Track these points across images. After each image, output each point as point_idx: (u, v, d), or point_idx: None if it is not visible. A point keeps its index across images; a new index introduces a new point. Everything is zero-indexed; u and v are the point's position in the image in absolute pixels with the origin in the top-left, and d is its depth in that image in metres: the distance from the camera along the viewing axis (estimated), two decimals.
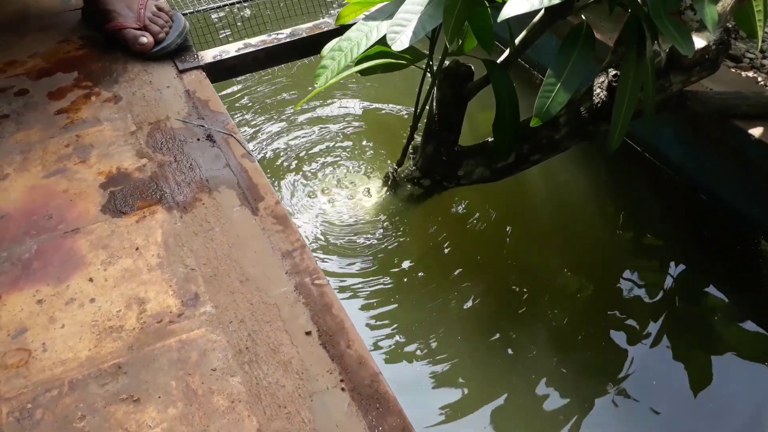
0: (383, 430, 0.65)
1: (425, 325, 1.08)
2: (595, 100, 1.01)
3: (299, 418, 0.66)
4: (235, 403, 0.67)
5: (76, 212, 0.90)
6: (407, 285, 1.14)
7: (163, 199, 0.91)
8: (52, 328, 0.75)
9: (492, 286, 1.15)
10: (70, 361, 0.71)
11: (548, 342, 1.05)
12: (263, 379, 0.69)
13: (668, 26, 0.79)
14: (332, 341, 0.73)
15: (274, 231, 0.86)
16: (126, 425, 0.65)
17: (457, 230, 1.24)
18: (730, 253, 1.17)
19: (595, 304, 1.11)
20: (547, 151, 1.10)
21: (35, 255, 0.84)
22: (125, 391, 0.68)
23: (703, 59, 0.94)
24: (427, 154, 1.15)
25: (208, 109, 1.08)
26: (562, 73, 0.88)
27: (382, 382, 0.69)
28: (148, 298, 0.78)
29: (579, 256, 1.20)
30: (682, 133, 1.22)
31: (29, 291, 0.79)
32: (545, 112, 0.88)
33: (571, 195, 1.33)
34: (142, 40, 1.19)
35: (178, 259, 0.83)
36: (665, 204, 1.28)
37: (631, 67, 0.87)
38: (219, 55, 1.26)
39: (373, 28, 0.93)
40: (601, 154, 1.35)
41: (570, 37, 0.89)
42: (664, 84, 0.98)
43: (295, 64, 1.69)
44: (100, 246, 0.85)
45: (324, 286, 0.79)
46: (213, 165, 0.97)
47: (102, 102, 1.11)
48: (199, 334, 0.74)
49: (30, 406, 0.67)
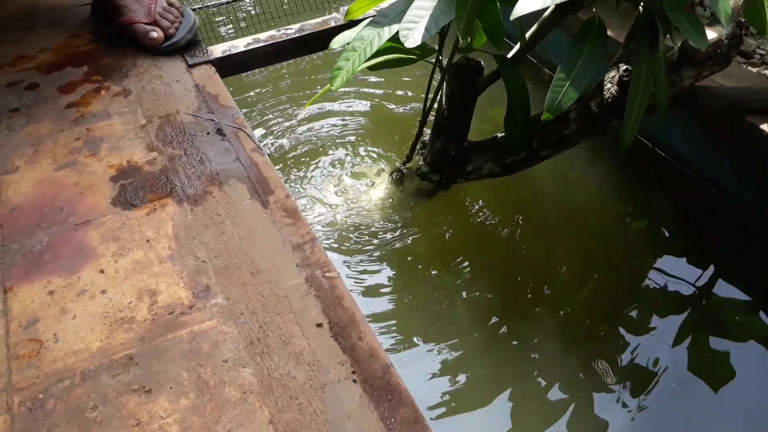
0: (395, 421, 0.64)
1: (432, 317, 1.08)
2: (605, 96, 1.00)
3: (311, 409, 0.66)
4: (247, 394, 0.67)
5: (86, 205, 0.90)
6: (415, 278, 1.14)
7: (173, 192, 0.92)
8: (63, 319, 0.75)
9: (499, 280, 1.15)
10: (81, 351, 0.72)
11: (555, 335, 1.05)
12: (275, 370, 0.69)
13: (682, 20, 0.78)
14: (343, 333, 0.73)
15: (285, 224, 0.86)
16: (138, 415, 0.66)
17: (464, 225, 1.24)
18: (740, 249, 1.16)
19: (604, 299, 1.11)
20: (557, 147, 1.09)
21: (46, 247, 0.84)
22: (137, 382, 0.69)
23: (715, 53, 0.93)
24: (436, 150, 1.15)
25: (217, 104, 1.08)
26: (573, 68, 0.88)
27: (393, 374, 0.69)
28: (159, 290, 0.78)
29: (588, 252, 1.20)
30: (693, 128, 1.22)
31: (41, 282, 0.79)
32: (556, 106, 0.87)
33: (581, 191, 1.33)
34: (152, 35, 1.19)
35: (189, 252, 0.83)
36: (675, 200, 1.27)
37: (643, 62, 0.87)
38: (228, 50, 1.26)
39: (385, 26, 0.93)
40: (611, 150, 1.34)
41: (581, 32, 0.89)
42: (676, 79, 0.97)
43: (304, 59, 1.69)
44: (111, 238, 0.85)
45: (335, 278, 0.79)
46: (223, 158, 0.97)
47: (112, 96, 1.11)
48: (211, 325, 0.74)
49: (42, 397, 0.68)
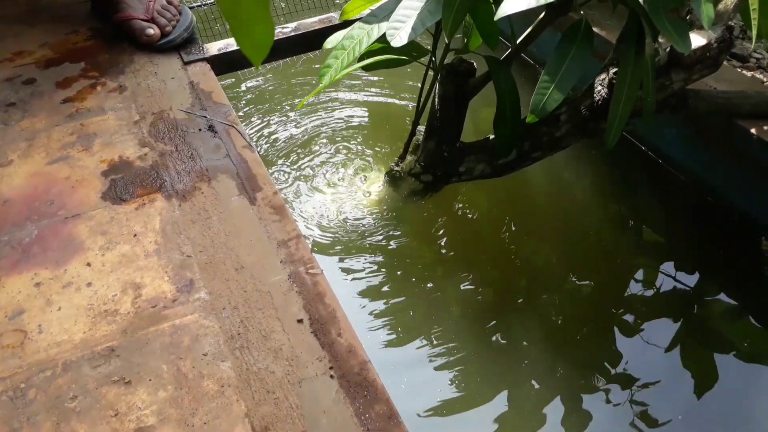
0: (370, 416, 0.65)
1: (421, 315, 1.08)
2: (596, 98, 1.01)
3: (287, 403, 0.66)
4: (225, 387, 0.68)
5: (77, 199, 0.91)
6: (404, 277, 1.15)
7: (162, 188, 0.93)
8: (48, 310, 0.76)
9: (490, 281, 1.15)
10: (64, 343, 0.73)
11: (544, 336, 1.05)
12: (253, 364, 0.70)
13: (665, 23, 0.78)
14: (323, 329, 0.73)
15: (271, 221, 0.87)
16: (116, 406, 0.67)
17: (456, 225, 1.24)
18: (733, 253, 1.16)
19: (595, 302, 1.11)
20: (548, 149, 1.10)
21: (35, 239, 0.85)
22: (117, 374, 0.70)
23: (704, 57, 0.93)
24: (429, 150, 1.16)
25: (211, 101, 1.09)
26: (558, 70, 0.89)
27: (370, 370, 0.69)
28: (143, 284, 0.79)
29: (580, 254, 1.20)
30: (686, 132, 1.22)
31: (28, 274, 0.81)
32: (541, 109, 0.88)
33: (574, 193, 1.33)
34: (148, 31, 1.21)
35: (175, 246, 0.84)
36: (668, 203, 1.27)
37: (629, 64, 0.87)
38: (224, 47, 1.27)
39: (374, 26, 0.94)
40: (604, 153, 1.34)
41: (568, 34, 0.89)
42: (665, 82, 0.98)
43: (300, 58, 1.69)
44: (99, 232, 0.86)
45: (318, 275, 0.80)
46: (213, 155, 0.98)
47: (107, 92, 1.12)
48: (192, 319, 0.75)
49: (23, 386, 0.69)
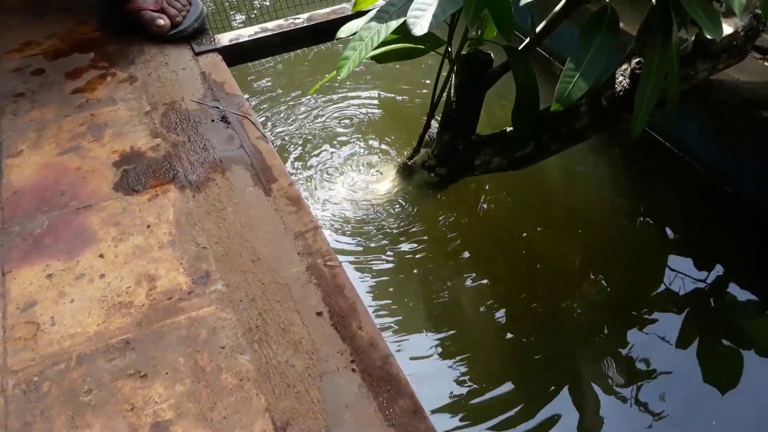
0: (394, 411, 0.63)
1: (435, 310, 1.07)
2: (617, 89, 0.98)
3: (308, 398, 0.64)
4: (244, 381, 0.66)
5: (88, 189, 0.89)
6: (418, 271, 1.13)
7: (176, 179, 0.90)
8: (61, 302, 0.74)
9: (504, 274, 1.13)
10: (78, 335, 0.71)
11: (559, 331, 1.04)
12: (273, 358, 0.68)
13: (697, 10, 0.76)
14: (343, 322, 0.71)
15: (287, 212, 0.85)
16: (132, 400, 0.64)
17: (470, 218, 1.22)
18: (755, 246, 1.14)
19: (612, 296, 1.09)
20: (567, 141, 1.07)
21: (47, 230, 0.83)
22: (132, 367, 0.67)
23: (731, 46, 0.91)
24: (444, 143, 1.13)
25: (223, 92, 1.07)
26: (584, 58, 0.86)
27: (393, 364, 0.67)
28: (158, 275, 0.77)
29: (597, 249, 1.18)
30: (707, 124, 1.19)
31: (40, 265, 0.79)
32: (566, 97, 0.85)
33: (591, 186, 1.31)
34: (158, 22, 1.19)
35: (190, 238, 0.82)
36: (688, 196, 1.25)
37: (655, 54, 0.85)
38: (235, 38, 1.25)
39: (392, 16, 0.91)
40: (622, 145, 1.32)
41: (593, 21, 0.87)
42: (690, 72, 0.95)
43: (312, 49, 1.67)
44: (112, 223, 0.84)
45: (336, 267, 0.78)
46: (227, 146, 0.96)
47: (118, 82, 1.10)
48: (209, 311, 0.73)
49: (37, 379, 0.67)
